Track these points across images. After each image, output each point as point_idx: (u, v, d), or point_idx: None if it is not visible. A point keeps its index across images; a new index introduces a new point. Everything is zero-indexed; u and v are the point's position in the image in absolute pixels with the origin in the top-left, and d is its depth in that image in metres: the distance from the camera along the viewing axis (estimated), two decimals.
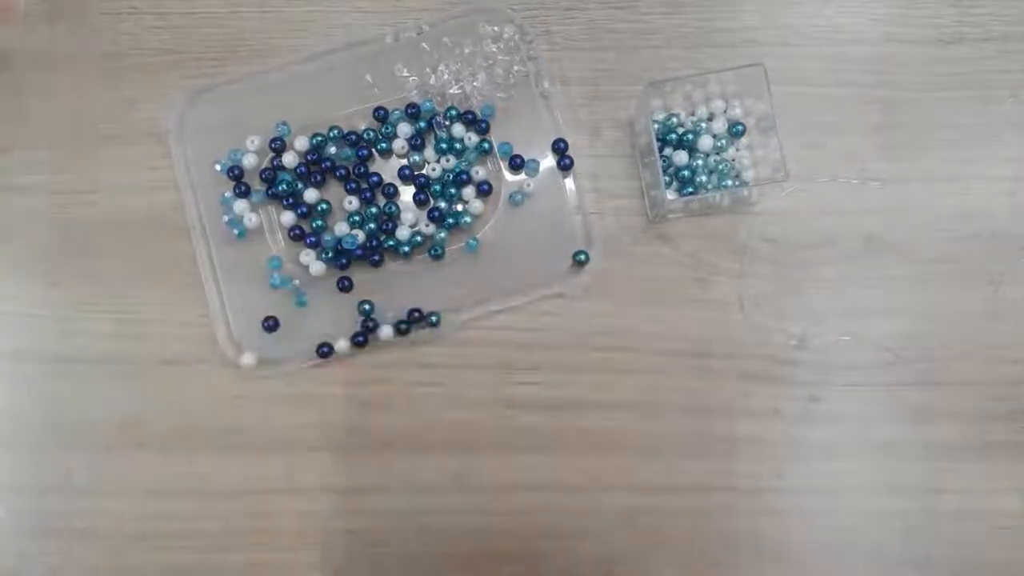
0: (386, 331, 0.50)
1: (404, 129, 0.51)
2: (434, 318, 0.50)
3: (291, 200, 0.51)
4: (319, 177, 0.51)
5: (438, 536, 0.49)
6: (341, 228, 0.51)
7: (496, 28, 0.52)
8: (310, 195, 0.51)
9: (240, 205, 0.51)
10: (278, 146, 0.51)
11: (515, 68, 0.52)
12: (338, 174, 0.52)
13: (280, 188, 0.51)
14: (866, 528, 0.49)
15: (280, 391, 0.50)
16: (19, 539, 0.50)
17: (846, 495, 0.50)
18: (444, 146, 0.51)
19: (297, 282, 0.51)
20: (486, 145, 0.51)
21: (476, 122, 0.51)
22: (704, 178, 0.50)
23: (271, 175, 0.51)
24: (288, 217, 0.51)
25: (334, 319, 0.50)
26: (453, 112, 0.51)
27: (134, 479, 0.50)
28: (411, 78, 0.52)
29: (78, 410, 0.51)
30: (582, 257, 0.50)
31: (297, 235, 0.51)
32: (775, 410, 0.50)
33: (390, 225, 0.51)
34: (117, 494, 0.50)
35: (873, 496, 0.50)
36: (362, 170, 0.52)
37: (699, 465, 0.50)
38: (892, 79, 0.52)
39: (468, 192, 0.51)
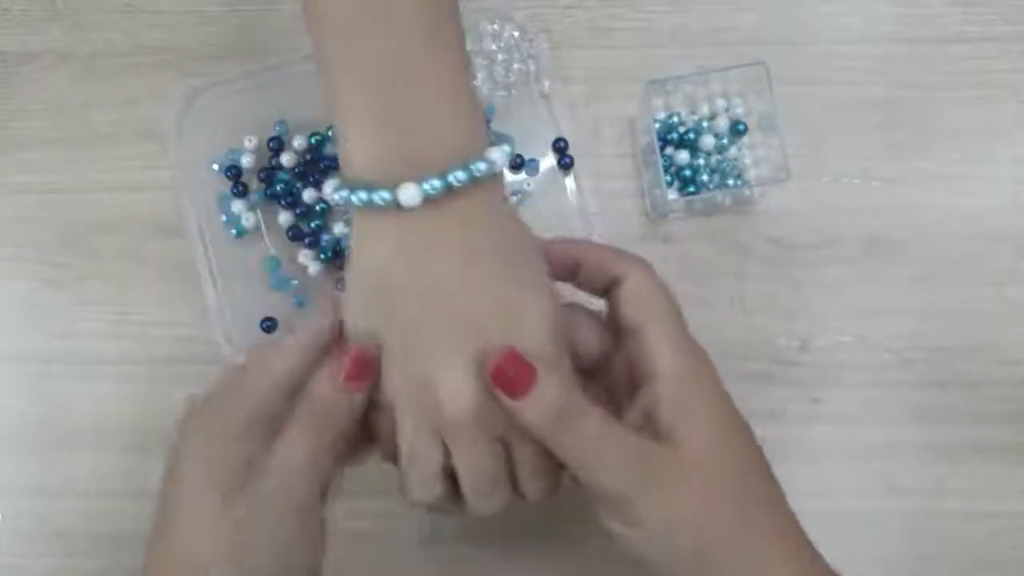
0: None
1: None
2: None
3: (289, 200, 0.51)
4: (317, 177, 0.51)
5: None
6: (339, 228, 0.51)
7: (496, 26, 0.51)
8: (308, 195, 0.51)
9: (238, 205, 0.51)
10: (276, 146, 0.51)
11: (515, 66, 0.52)
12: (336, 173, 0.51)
13: (278, 188, 0.51)
14: (867, 529, 0.49)
15: None
16: (18, 540, 0.50)
17: (847, 496, 0.49)
18: None
19: (295, 282, 0.51)
20: None
21: None
22: (706, 177, 0.50)
23: (269, 175, 0.51)
24: (286, 217, 0.51)
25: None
26: None
27: (133, 479, 0.50)
28: None
29: (77, 410, 0.50)
30: None
31: (295, 235, 0.51)
32: (777, 411, 0.50)
33: None
34: (116, 494, 0.50)
35: (875, 497, 0.49)
36: None
37: None
38: (895, 78, 0.52)
39: None
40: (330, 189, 0.34)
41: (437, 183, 0.31)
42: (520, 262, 0.34)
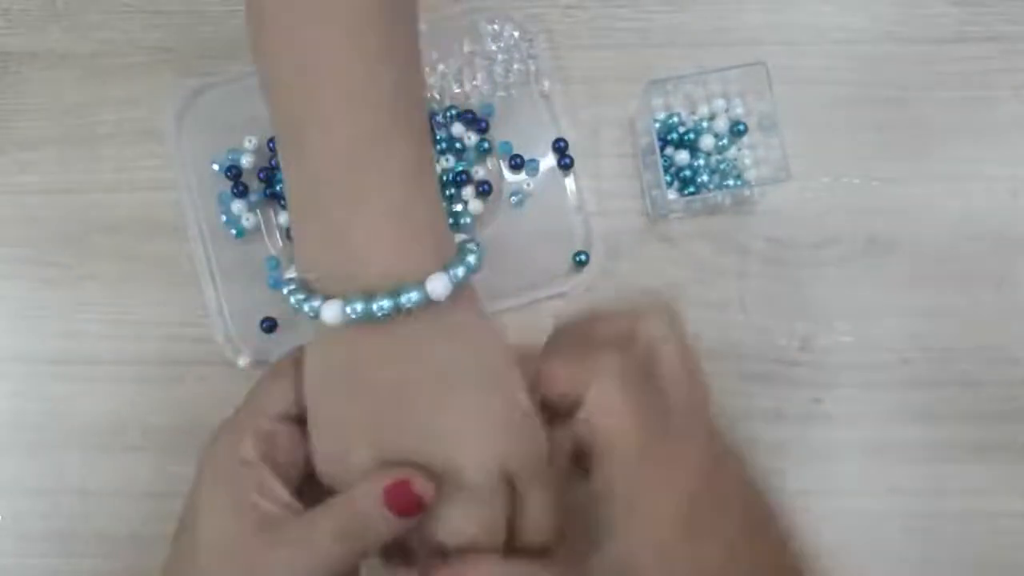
0: None
1: None
2: None
3: None
4: None
5: None
6: None
7: (496, 27, 0.51)
8: None
9: (238, 205, 0.50)
10: (276, 146, 0.51)
11: (515, 67, 0.52)
12: None
13: (278, 188, 0.51)
14: (868, 529, 0.49)
15: None
16: (19, 540, 0.50)
17: (848, 496, 0.49)
18: (443, 145, 0.51)
19: None
20: (486, 145, 0.51)
21: (476, 121, 0.51)
22: (705, 178, 0.50)
23: (269, 175, 0.51)
24: (286, 217, 0.51)
25: None
26: (453, 111, 0.51)
27: (133, 479, 0.50)
28: None
29: (77, 410, 0.50)
30: (582, 257, 0.50)
31: None
32: (777, 411, 0.50)
33: None
34: (116, 494, 0.50)
35: (875, 497, 0.49)
36: None
37: None
38: (894, 78, 0.52)
39: (468, 192, 0.51)
40: (285, 274, 0.32)
41: (359, 307, 0.29)
42: (459, 400, 0.31)
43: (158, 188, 0.51)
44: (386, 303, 0.29)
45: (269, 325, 0.50)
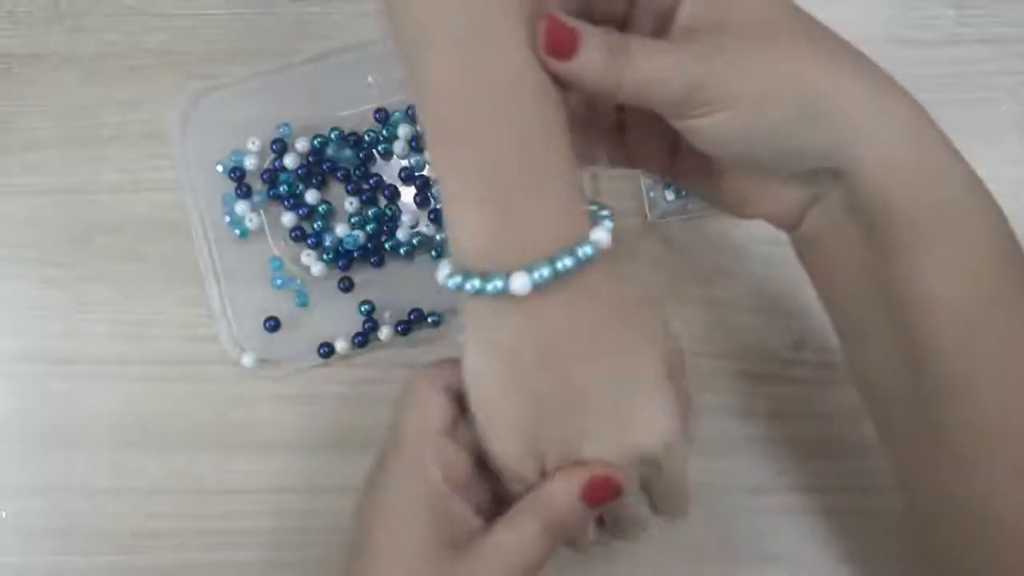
0: (386, 331, 0.50)
1: (405, 130, 0.52)
2: (434, 318, 0.50)
3: (292, 201, 0.51)
4: (320, 178, 0.52)
5: None
6: (342, 229, 0.51)
7: None
8: (311, 196, 0.51)
9: (241, 206, 0.51)
10: (279, 147, 0.52)
11: None
12: (339, 175, 0.52)
13: (281, 189, 0.51)
14: (868, 526, 0.49)
15: (280, 391, 0.50)
16: (20, 539, 0.50)
17: (847, 493, 0.49)
18: None
19: (299, 282, 0.51)
20: None
21: None
22: None
23: (272, 176, 0.51)
24: (289, 218, 0.51)
25: (335, 319, 0.50)
26: None
27: (134, 479, 0.50)
28: None
29: (78, 410, 0.51)
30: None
31: (298, 236, 0.51)
32: (776, 411, 0.50)
33: (390, 226, 0.51)
34: (117, 494, 0.50)
35: (874, 494, 0.49)
36: (363, 171, 0.52)
37: (699, 465, 0.49)
38: None
39: None
40: (442, 275, 0.34)
41: (546, 272, 0.31)
42: (636, 344, 0.34)
43: (161, 189, 0.52)
44: (568, 261, 0.31)
45: (273, 324, 0.50)
